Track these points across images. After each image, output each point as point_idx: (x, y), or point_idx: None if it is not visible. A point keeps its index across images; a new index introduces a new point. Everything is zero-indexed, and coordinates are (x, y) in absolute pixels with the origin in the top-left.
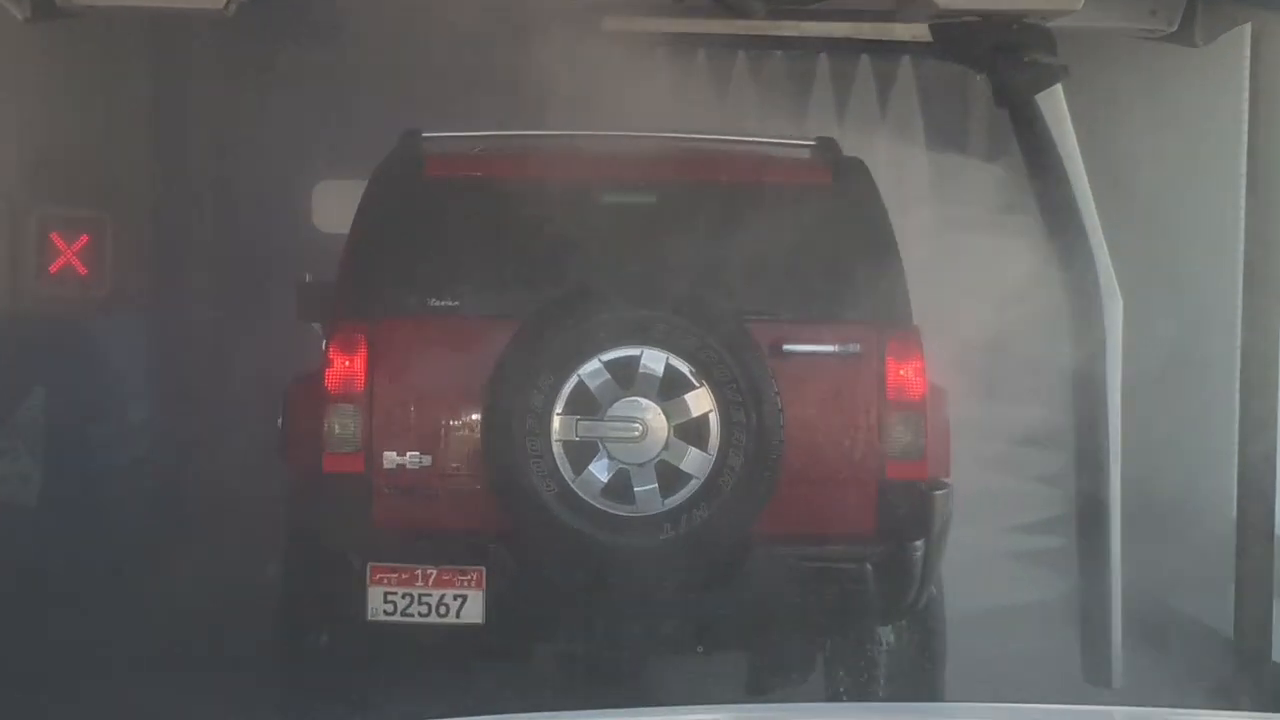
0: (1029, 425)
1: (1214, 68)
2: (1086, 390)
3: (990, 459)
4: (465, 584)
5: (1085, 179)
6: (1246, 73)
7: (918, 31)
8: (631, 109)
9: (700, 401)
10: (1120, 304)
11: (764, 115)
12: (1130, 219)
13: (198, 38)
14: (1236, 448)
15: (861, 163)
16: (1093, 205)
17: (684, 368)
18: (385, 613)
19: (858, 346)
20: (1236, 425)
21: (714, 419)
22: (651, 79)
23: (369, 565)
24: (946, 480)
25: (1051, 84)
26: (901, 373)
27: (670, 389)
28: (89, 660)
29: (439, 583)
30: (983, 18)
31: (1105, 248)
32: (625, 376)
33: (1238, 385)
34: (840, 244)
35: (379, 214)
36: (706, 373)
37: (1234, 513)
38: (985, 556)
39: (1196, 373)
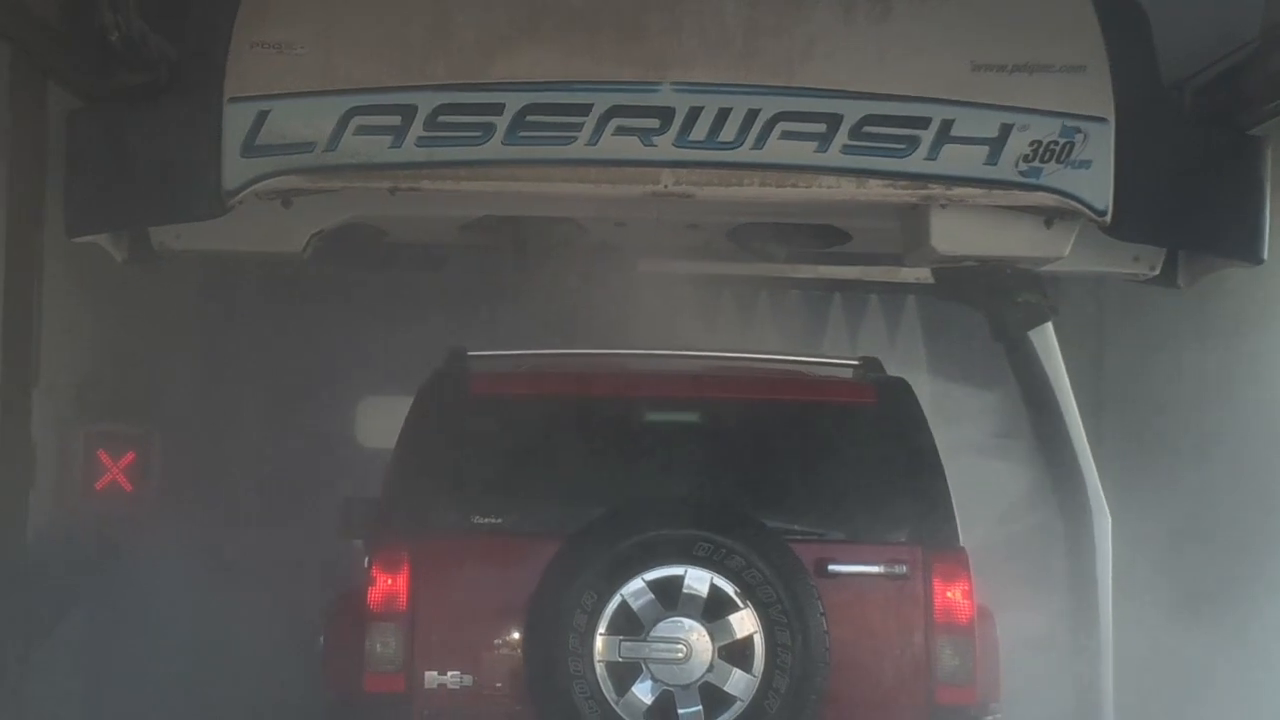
0: (1030, 631)
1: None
2: (1082, 599)
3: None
4: None
5: (1074, 406)
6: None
7: (921, 274)
8: (663, 339)
9: (744, 623)
10: (1109, 520)
11: (783, 348)
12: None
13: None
14: None
15: (905, 382)
16: (1081, 430)
17: (728, 588)
18: None
19: (904, 568)
20: None
21: (758, 640)
22: (681, 314)
23: None
24: (996, 704)
25: (1042, 322)
26: (949, 594)
27: (714, 609)
28: None
29: None
30: (979, 263)
31: (1094, 469)
32: (669, 596)
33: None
34: (885, 463)
35: (424, 431)
36: (751, 593)
37: None
38: None
39: None
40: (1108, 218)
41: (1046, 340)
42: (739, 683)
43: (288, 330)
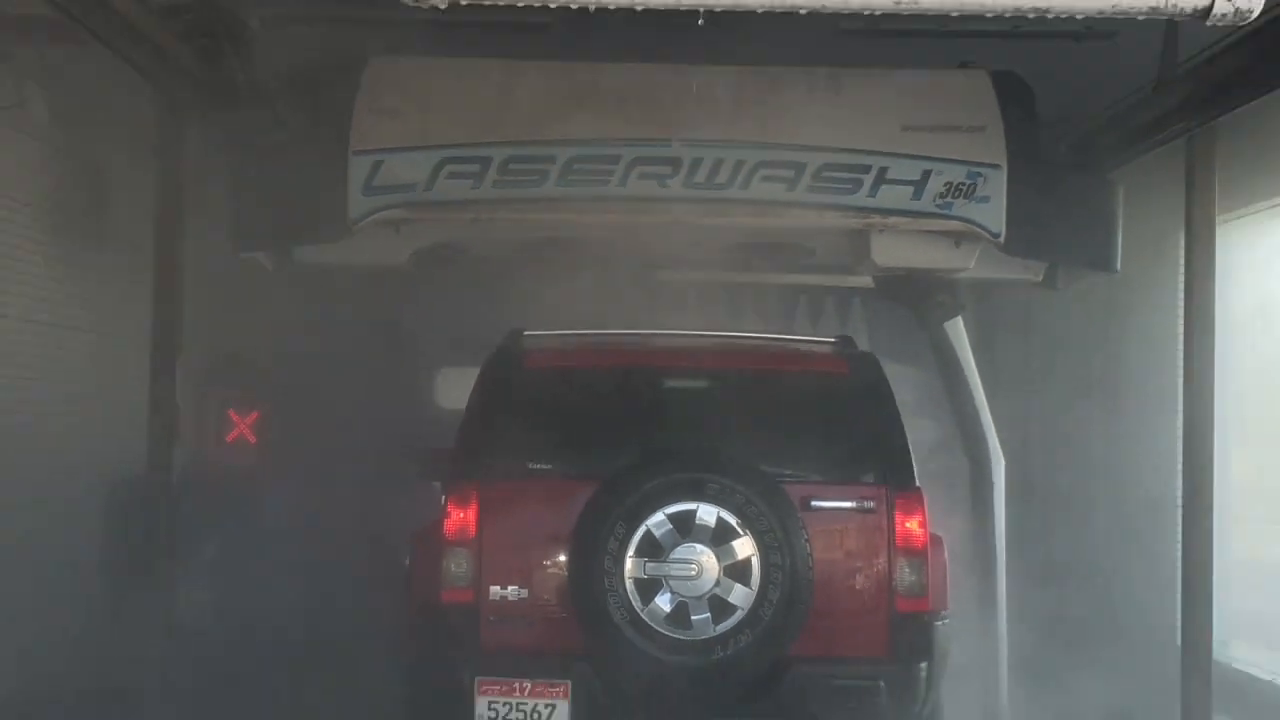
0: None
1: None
2: (981, 524)
3: None
4: (554, 695)
5: (978, 380)
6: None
7: (864, 281)
8: (676, 326)
9: (744, 547)
10: (1003, 465)
11: (763, 332)
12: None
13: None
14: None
15: (873, 356)
16: (983, 397)
17: (732, 520)
18: (489, 718)
19: (871, 504)
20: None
21: (755, 561)
22: (687, 309)
23: (477, 679)
24: (946, 612)
25: (953, 316)
26: (908, 525)
27: (720, 537)
28: None
29: (533, 693)
30: (907, 272)
31: (992, 426)
32: (684, 527)
33: (1180, 515)
34: (856, 421)
35: (488, 395)
36: (750, 524)
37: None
38: None
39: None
40: (1001, 239)
41: (957, 330)
42: (740, 595)
43: (381, 317)
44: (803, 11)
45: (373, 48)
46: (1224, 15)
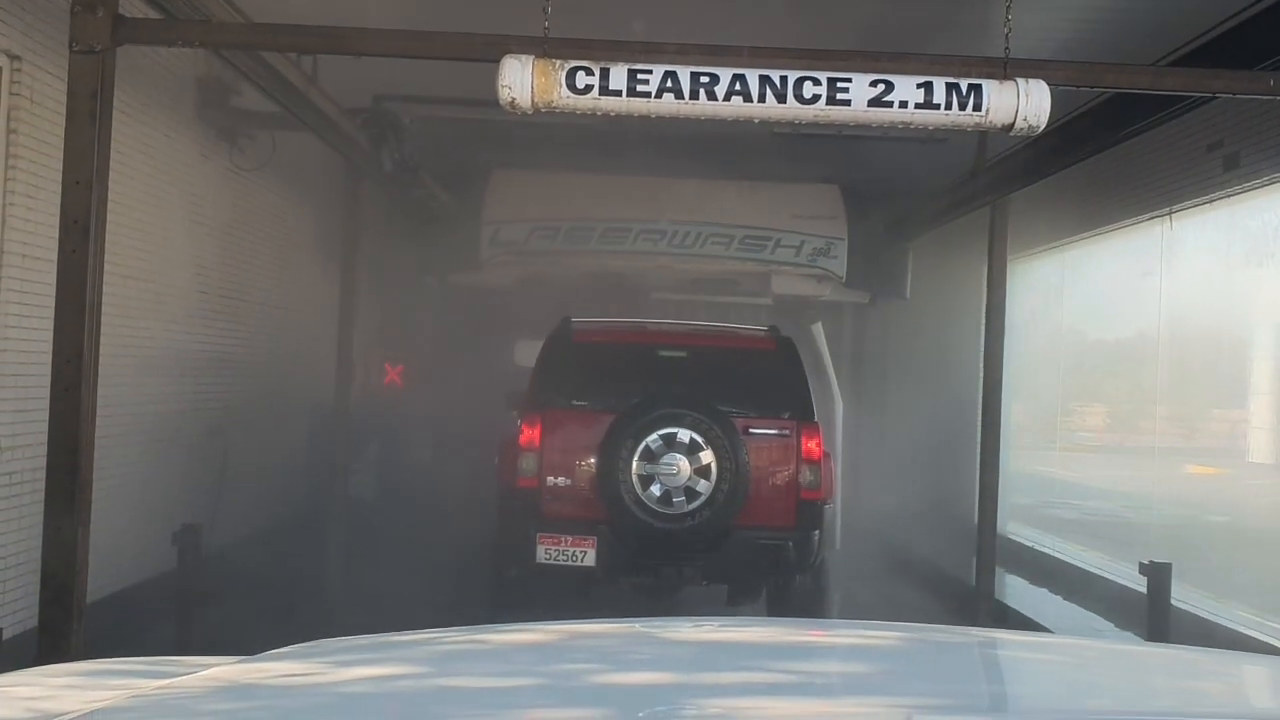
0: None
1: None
2: (830, 444)
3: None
4: (586, 545)
5: (830, 362)
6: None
7: (767, 301)
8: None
9: (707, 457)
10: (841, 406)
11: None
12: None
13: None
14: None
15: (790, 338)
16: (833, 371)
17: (700, 439)
18: (545, 559)
19: (788, 431)
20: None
21: (714, 466)
22: (671, 313)
23: (537, 534)
24: (832, 502)
25: (815, 322)
26: (810, 444)
27: (693, 450)
28: (385, 574)
29: (572, 544)
30: (792, 297)
31: (837, 385)
32: (670, 443)
33: (978, 449)
34: (778, 378)
35: (549, 357)
36: (712, 442)
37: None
38: None
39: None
40: (843, 278)
41: (818, 330)
42: (703, 486)
43: (481, 311)
44: (756, 120)
45: (485, 142)
46: (1020, 130)
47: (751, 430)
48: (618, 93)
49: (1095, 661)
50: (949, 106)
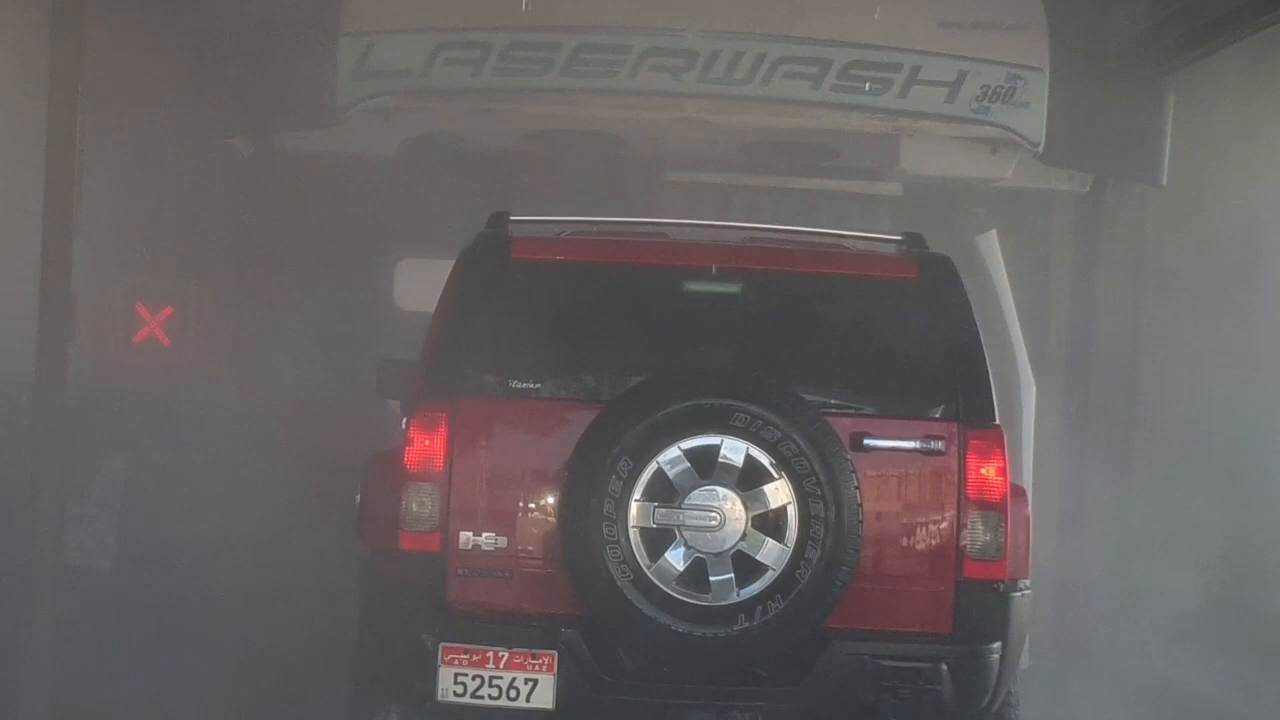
0: None
1: None
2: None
3: None
4: (537, 668)
5: (1012, 301)
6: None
7: (893, 189)
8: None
9: (779, 494)
10: (1034, 390)
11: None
12: None
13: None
14: None
15: (948, 259)
16: (1016, 320)
17: (764, 459)
18: (455, 694)
19: (940, 444)
20: None
21: (792, 511)
22: (698, 215)
23: (441, 645)
24: (1025, 581)
25: (985, 231)
26: (983, 471)
27: (749, 479)
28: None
29: (510, 665)
30: (939, 181)
31: (1025, 351)
32: (704, 465)
33: None
34: (924, 339)
35: (465, 293)
36: (786, 465)
37: None
38: None
39: None
40: (1040, 147)
41: (991, 245)
42: (771, 552)
43: (332, 204)
44: None
45: None
46: None
47: (868, 442)
48: None
49: None
50: None
